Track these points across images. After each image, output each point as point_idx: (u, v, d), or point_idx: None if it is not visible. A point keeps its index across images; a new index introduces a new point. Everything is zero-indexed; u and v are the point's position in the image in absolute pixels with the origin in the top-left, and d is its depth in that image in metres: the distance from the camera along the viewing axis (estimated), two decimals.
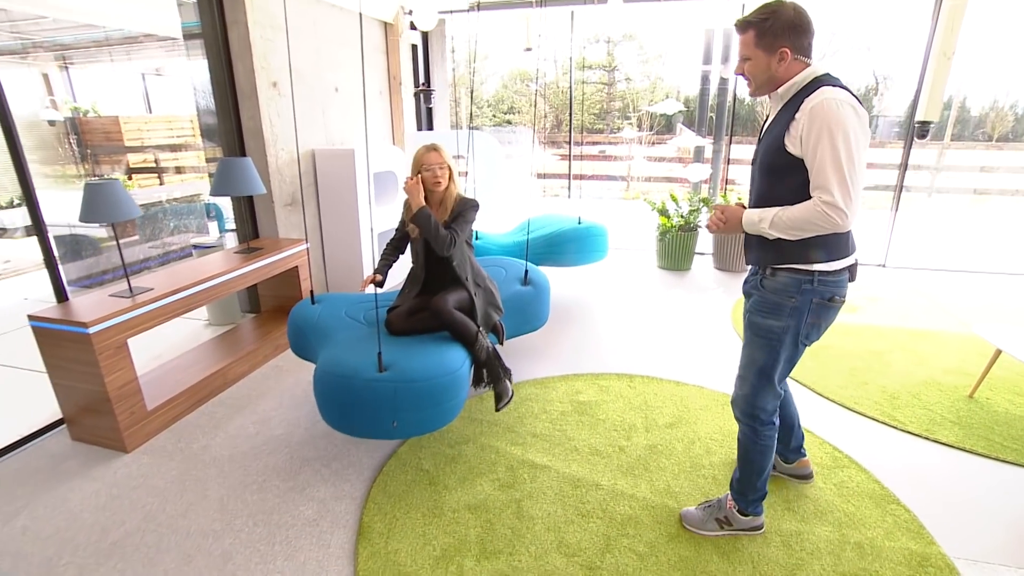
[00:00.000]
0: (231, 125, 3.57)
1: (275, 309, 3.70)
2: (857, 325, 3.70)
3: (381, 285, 2.49)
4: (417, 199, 2.35)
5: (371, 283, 2.45)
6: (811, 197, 1.48)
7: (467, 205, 2.46)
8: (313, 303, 2.71)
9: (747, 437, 1.81)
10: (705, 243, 5.43)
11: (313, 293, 2.78)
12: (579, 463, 2.28)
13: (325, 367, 2.09)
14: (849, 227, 1.47)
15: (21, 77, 7.39)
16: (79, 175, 7.58)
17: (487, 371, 2.39)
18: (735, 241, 4.90)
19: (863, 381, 2.95)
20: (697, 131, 6.34)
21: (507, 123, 17.79)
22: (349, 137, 4.48)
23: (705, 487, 2.14)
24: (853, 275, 1.66)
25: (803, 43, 1.53)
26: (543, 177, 10.49)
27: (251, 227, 3.79)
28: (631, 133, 13.29)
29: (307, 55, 3.89)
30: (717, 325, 3.78)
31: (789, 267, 1.61)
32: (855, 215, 1.44)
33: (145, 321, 2.49)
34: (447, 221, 2.44)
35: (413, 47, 5.37)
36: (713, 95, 6.16)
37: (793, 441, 2.11)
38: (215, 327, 3.77)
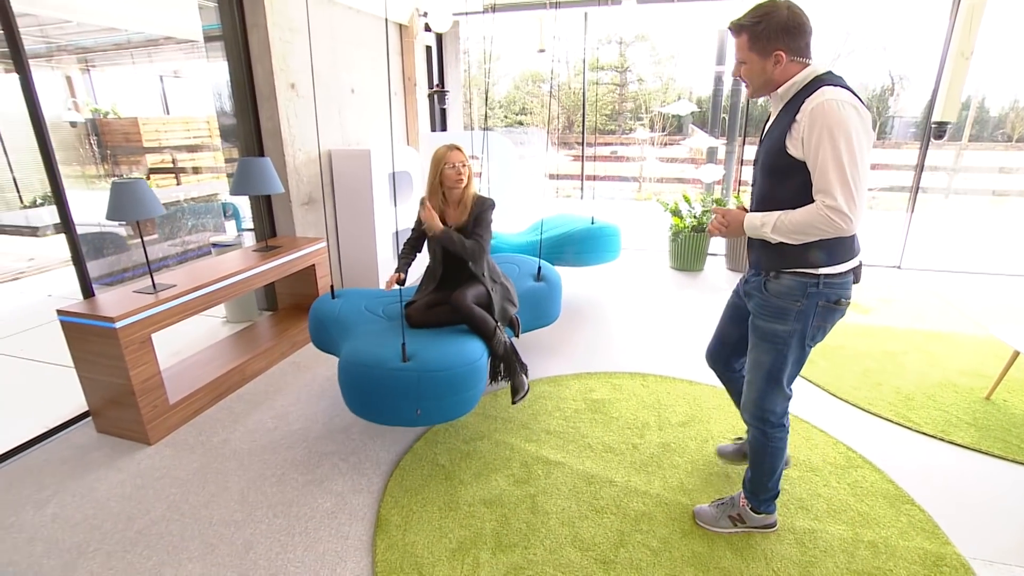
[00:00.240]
0: (250, 126, 3.64)
1: (292, 307, 3.76)
2: (871, 326, 3.68)
3: (403, 283, 2.57)
4: (436, 224, 2.41)
5: (395, 283, 2.52)
6: (813, 198, 1.46)
7: (485, 205, 2.51)
8: (333, 298, 2.78)
9: (757, 440, 1.80)
10: (718, 244, 5.42)
11: (333, 288, 2.84)
12: (593, 460, 2.30)
13: (350, 357, 2.16)
14: (853, 231, 1.44)
15: (46, 80, 7.58)
16: (98, 175, 7.73)
17: (504, 365, 2.45)
18: (747, 242, 4.89)
19: (877, 382, 2.94)
20: (710, 132, 6.32)
21: (519, 124, 17.83)
22: (365, 137, 4.54)
23: (718, 485, 2.16)
24: (858, 277, 1.63)
25: (799, 44, 1.49)
26: (555, 178, 10.51)
27: (269, 226, 3.85)
28: (643, 134, 13.26)
29: (324, 57, 3.95)
30: None
31: (793, 271, 1.59)
32: (859, 218, 1.42)
33: (168, 317, 2.55)
34: (467, 223, 2.49)
35: (428, 49, 5.42)
36: (726, 96, 6.15)
37: None
38: (233, 324, 3.84)
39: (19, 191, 7.39)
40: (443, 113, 5.73)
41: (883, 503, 2.05)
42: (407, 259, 2.65)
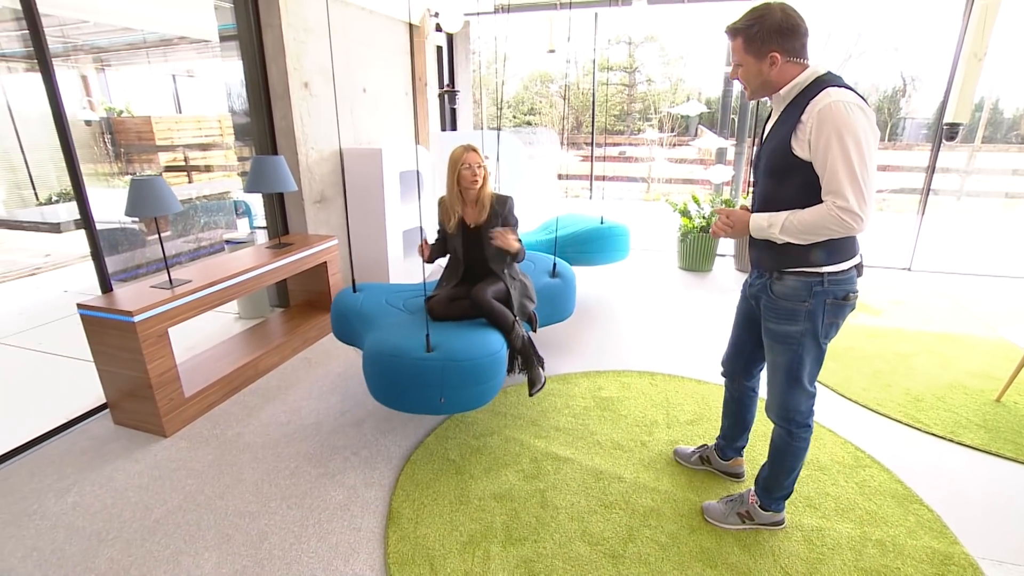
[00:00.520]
0: (264, 124, 3.68)
1: (304, 303, 3.81)
2: (881, 328, 3.67)
3: (430, 261, 2.65)
4: (513, 244, 2.50)
5: (426, 247, 2.59)
6: (815, 196, 1.48)
7: (507, 205, 2.60)
8: (355, 291, 2.84)
9: (782, 439, 1.80)
10: (726, 245, 5.42)
11: (355, 282, 2.90)
12: (602, 456, 2.32)
13: (376, 347, 2.22)
14: (864, 230, 1.46)
15: (63, 79, 7.69)
16: (112, 173, 7.83)
17: (521, 358, 2.50)
18: (748, 243, 4.88)
19: (886, 383, 2.94)
20: (719, 133, 6.32)
21: (527, 124, 17.86)
22: (376, 137, 4.58)
23: (726, 483, 2.17)
24: (860, 271, 1.64)
25: (793, 45, 1.51)
26: (565, 178, 10.53)
27: (281, 223, 3.90)
28: (652, 135, 13.25)
29: (337, 57, 3.99)
30: None
31: (796, 271, 1.60)
32: (870, 218, 1.43)
33: (184, 312, 2.59)
34: (488, 221, 2.55)
35: (438, 49, 5.46)
36: (735, 96, 6.14)
37: (740, 441, 2.15)
38: (245, 321, 3.89)
39: (35, 188, 7.51)
40: (453, 113, 5.76)
41: (891, 502, 2.06)
42: (437, 252, 2.74)
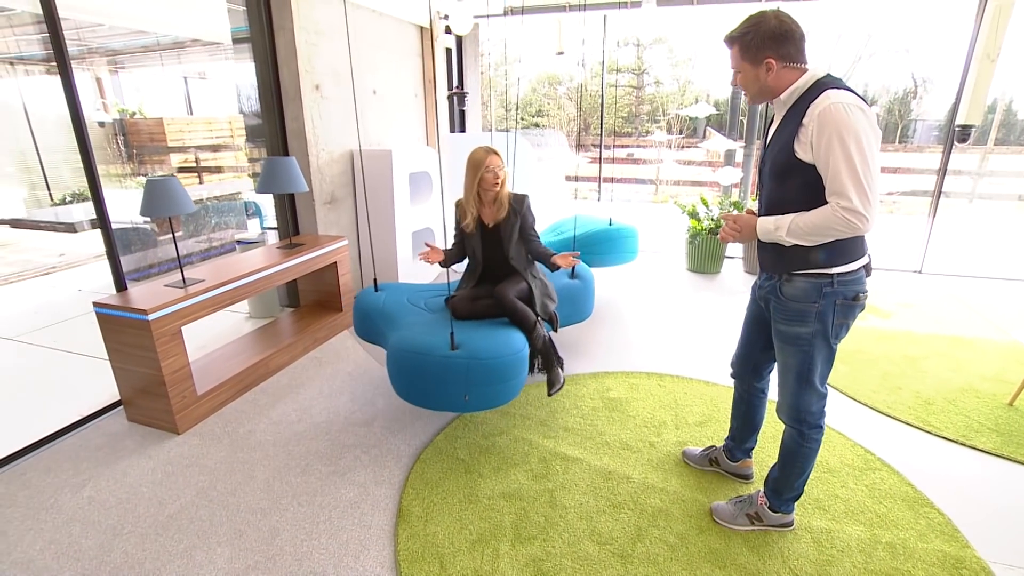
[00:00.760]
0: (275, 126, 3.72)
1: (314, 303, 3.84)
2: (891, 331, 3.65)
3: (444, 266, 2.66)
4: (563, 261, 2.55)
5: (432, 257, 2.58)
6: (820, 198, 1.49)
7: (525, 204, 2.63)
8: (377, 291, 2.87)
9: (793, 440, 1.80)
10: (735, 247, 5.41)
11: (376, 281, 2.93)
12: (610, 457, 2.33)
13: (401, 345, 2.24)
14: (870, 230, 1.47)
15: (78, 81, 7.79)
16: (124, 174, 7.93)
17: (542, 358, 2.52)
18: (757, 245, 4.87)
19: (897, 386, 2.92)
20: (728, 134, 6.31)
21: (535, 126, 17.88)
22: (385, 138, 4.62)
23: (735, 484, 2.17)
24: (869, 271, 1.65)
25: (788, 51, 1.53)
26: (573, 180, 10.54)
27: (292, 224, 3.94)
28: (661, 136, 13.23)
29: (347, 59, 4.02)
30: None
31: (805, 272, 1.61)
32: (875, 217, 1.44)
33: (197, 310, 2.63)
34: (507, 219, 2.59)
35: (448, 51, 5.49)
36: (744, 98, 6.12)
37: (748, 443, 2.15)
38: (256, 320, 3.93)
39: (50, 189, 7.62)
40: (462, 115, 5.79)
41: (901, 505, 2.05)
42: (453, 256, 2.75)
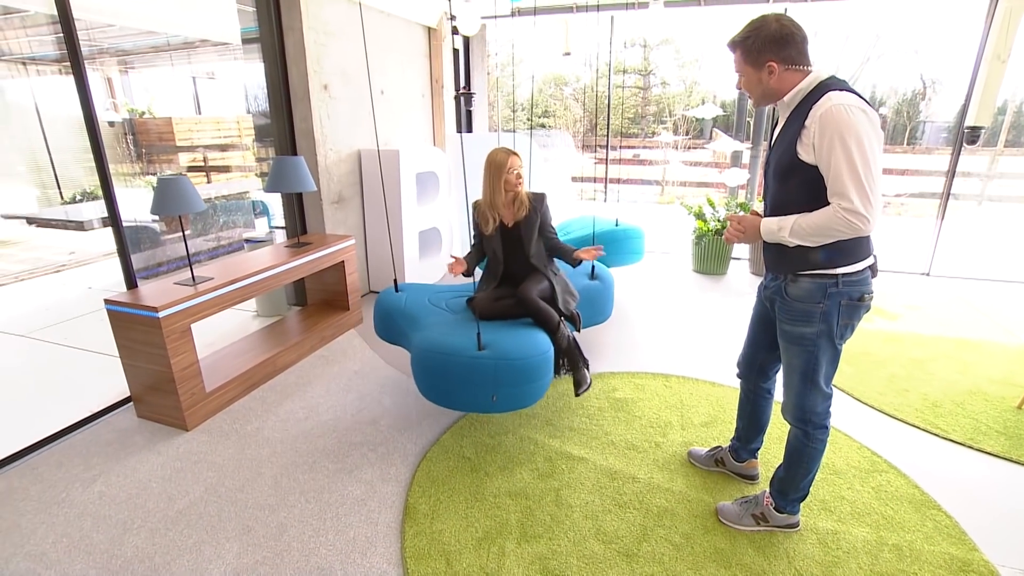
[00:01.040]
0: (284, 126, 3.75)
1: (321, 302, 3.86)
2: (898, 333, 3.64)
3: (469, 275, 2.66)
4: (593, 255, 2.62)
5: (458, 270, 2.58)
6: (823, 199, 1.50)
7: (544, 201, 2.64)
8: (397, 291, 2.87)
9: (798, 440, 1.80)
10: (741, 248, 5.39)
11: (396, 282, 2.93)
12: (616, 456, 2.34)
13: (427, 346, 2.24)
14: (871, 230, 1.47)
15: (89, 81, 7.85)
16: (133, 173, 7.98)
17: (567, 359, 2.51)
18: (763, 246, 4.86)
19: (903, 388, 2.91)
20: (734, 136, 6.29)
21: (541, 126, 17.88)
22: (392, 138, 4.64)
23: (741, 484, 2.17)
24: (875, 272, 1.65)
25: (789, 54, 1.54)
26: (579, 180, 10.53)
27: (300, 223, 3.96)
28: (667, 137, 13.21)
29: (356, 59, 4.05)
30: None
31: (810, 273, 1.61)
32: (876, 218, 1.45)
33: (206, 308, 2.65)
34: (526, 217, 2.60)
35: (455, 52, 5.51)
36: (751, 100, 6.11)
37: (754, 443, 2.15)
38: (263, 319, 3.95)
39: (60, 188, 7.69)
40: (469, 115, 5.81)
41: (908, 508, 2.04)
42: (474, 260, 2.75)
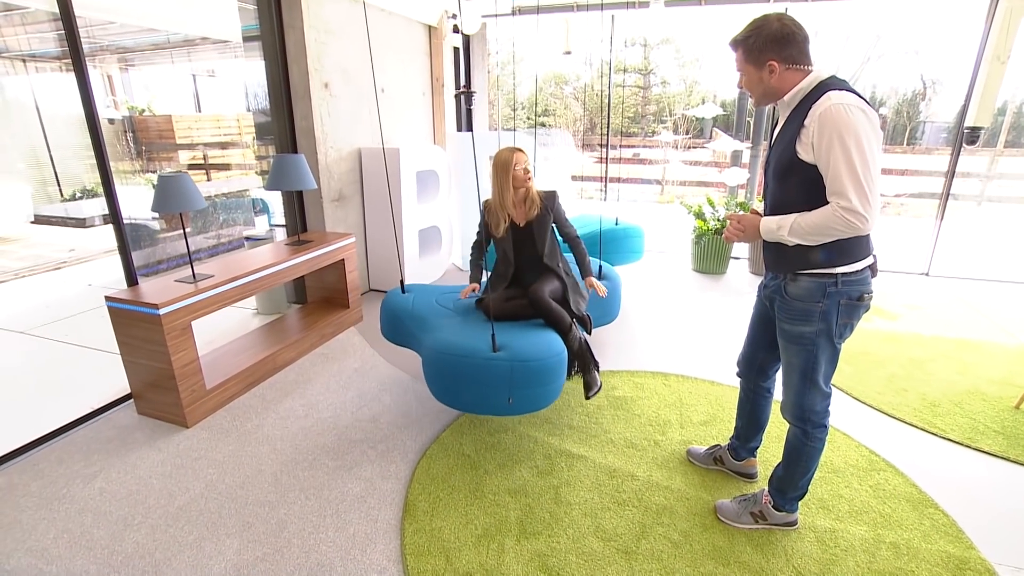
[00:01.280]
0: (284, 124, 3.75)
1: (321, 300, 3.87)
2: (897, 333, 3.65)
3: (478, 280, 2.68)
4: (600, 290, 2.67)
5: (471, 292, 2.63)
6: (820, 197, 1.51)
7: (556, 200, 2.63)
8: (403, 292, 2.85)
9: (797, 439, 1.81)
10: (741, 247, 5.40)
11: (403, 283, 2.91)
12: (615, 454, 2.34)
13: (440, 348, 2.22)
14: (870, 230, 1.48)
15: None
16: (133, 171, 7.98)
17: (578, 361, 2.48)
18: (763, 246, 4.87)
19: (902, 388, 2.92)
20: (734, 135, 6.30)
21: (542, 125, 17.87)
22: (392, 136, 4.64)
23: (739, 482, 2.18)
24: (875, 271, 1.66)
25: (790, 53, 1.54)
26: (579, 179, 10.54)
27: (300, 221, 3.97)
28: (667, 137, 13.21)
29: (357, 57, 4.05)
30: None
31: (810, 272, 1.62)
32: (875, 217, 1.45)
33: (207, 305, 2.65)
34: (538, 216, 2.59)
35: (455, 50, 5.51)
36: (751, 100, 6.11)
37: (753, 442, 2.15)
38: (263, 316, 3.96)
39: (60, 185, 7.69)
40: (469, 113, 5.81)
41: (906, 506, 2.05)
42: (479, 264, 2.75)
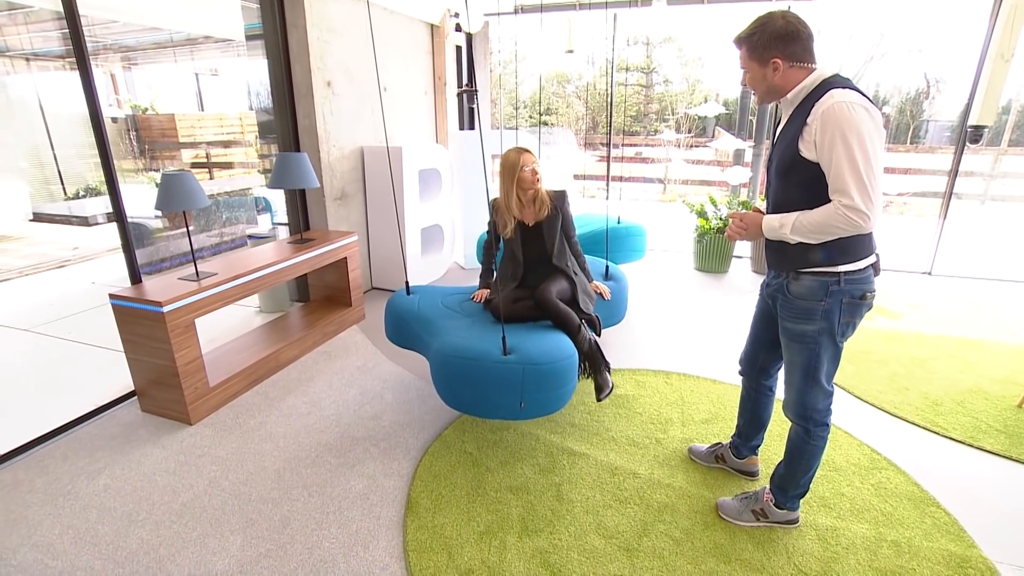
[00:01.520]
0: (287, 122, 3.76)
1: (323, 298, 3.88)
2: (900, 331, 3.64)
3: (488, 284, 2.69)
4: (604, 293, 2.74)
5: (483, 298, 2.65)
6: (822, 195, 1.50)
7: (565, 199, 2.62)
8: (409, 294, 2.81)
9: (799, 437, 1.81)
10: (743, 246, 5.40)
11: (408, 284, 2.87)
12: (617, 452, 2.35)
13: (449, 351, 2.18)
14: (872, 228, 1.47)
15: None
16: (136, 169, 8.01)
17: (588, 362, 2.46)
18: (765, 244, 4.87)
19: (904, 387, 2.92)
20: (737, 134, 6.29)
21: (544, 124, 17.86)
22: (396, 135, 4.65)
23: (741, 480, 2.18)
24: (877, 270, 1.65)
25: (795, 51, 1.54)
26: (582, 178, 10.53)
27: (303, 219, 3.98)
28: (669, 135, 13.19)
29: (359, 56, 4.06)
30: None
31: (812, 270, 1.62)
32: (877, 216, 1.45)
33: (210, 303, 2.67)
34: (548, 217, 2.59)
35: (458, 48, 5.52)
36: (754, 98, 6.10)
37: (755, 440, 2.16)
38: (266, 314, 3.97)
39: (63, 184, 7.72)
40: (471, 112, 5.81)
41: (907, 504, 2.05)
42: (490, 266, 2.75)
